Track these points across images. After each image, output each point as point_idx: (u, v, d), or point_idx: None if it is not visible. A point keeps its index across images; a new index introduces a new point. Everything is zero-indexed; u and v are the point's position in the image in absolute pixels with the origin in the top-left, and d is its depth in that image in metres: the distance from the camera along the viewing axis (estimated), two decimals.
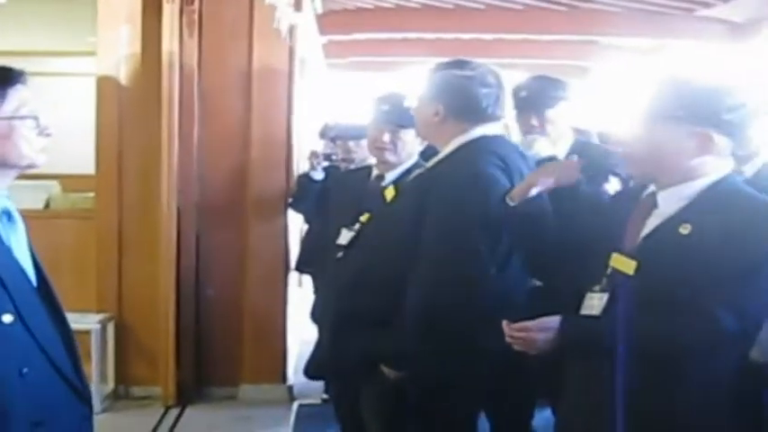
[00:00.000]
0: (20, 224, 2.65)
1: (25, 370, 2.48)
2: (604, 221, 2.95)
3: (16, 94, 2.57)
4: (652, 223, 2.78)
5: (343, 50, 12.13)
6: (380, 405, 3.59)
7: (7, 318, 2.44)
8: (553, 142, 4.74)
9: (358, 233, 3.91)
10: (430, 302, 3.29)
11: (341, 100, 13.38)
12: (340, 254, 3.95)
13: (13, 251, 2.58)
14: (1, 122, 2.55)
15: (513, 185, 3.35)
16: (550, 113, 4.79)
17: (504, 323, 2.83)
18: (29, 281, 2.61)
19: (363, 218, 4.21)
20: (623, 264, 2.75)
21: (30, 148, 2.58)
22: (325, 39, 10.71)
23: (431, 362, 3.27)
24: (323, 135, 7.49)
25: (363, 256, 3.58)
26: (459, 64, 3.66)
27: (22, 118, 2.56)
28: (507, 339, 2.81)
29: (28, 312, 2.51)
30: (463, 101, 3.57)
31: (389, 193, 3.65)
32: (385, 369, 3.44)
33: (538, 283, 3.85)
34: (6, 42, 8.53)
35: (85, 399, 2.72)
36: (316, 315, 5.21)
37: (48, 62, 8.92)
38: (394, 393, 3.42)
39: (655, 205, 2.80)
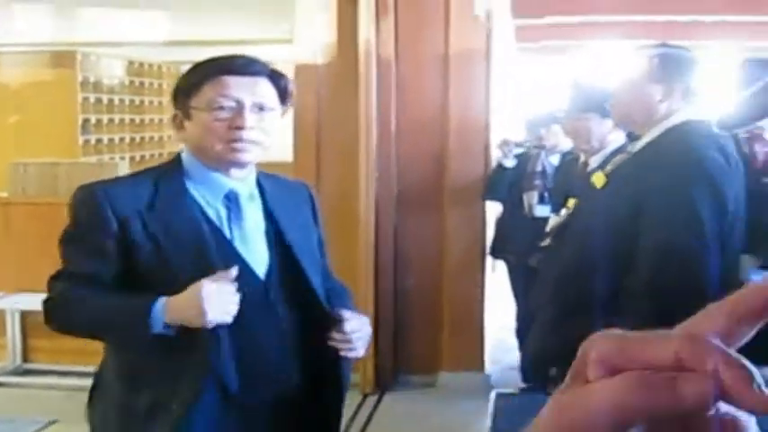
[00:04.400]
0: (250, 211, 2.69)
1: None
2: None
3: (214, 86, 2.61)
4: None
5: (534, 34, 11.97)
6: None
7: None
8: None
9: (566, 220, 3.84)
10: (656, 289, 3.29)
11: (533, 85, 13.21)
12: (547, 240, 3.89)
13: (236, 240, 2.63)
14: (194, 111, 2.62)
15: (730, 167, 3.37)
16: None
17: None
18: (248, 270, 2.62)
19: (570, 203, 4.14)
20: None
21: (215, 140, 2.60)
22: (516, 23, 10.58)
23: None
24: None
25: (578, 244, 3.54)
26: (674, 46, 3.65)
27: (209, 110, 2.60)
28: None
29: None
30: (688, 81, 3.52)
31: (599, 180, 3.58)
32: None
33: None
34: (203, 31, 8.72)
35: (234, 396, 2.65)
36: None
37: (245, 50, 9.04)
38: None
39: None
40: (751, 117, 4.74)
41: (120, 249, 2.53)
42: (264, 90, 2.66)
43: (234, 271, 2.47)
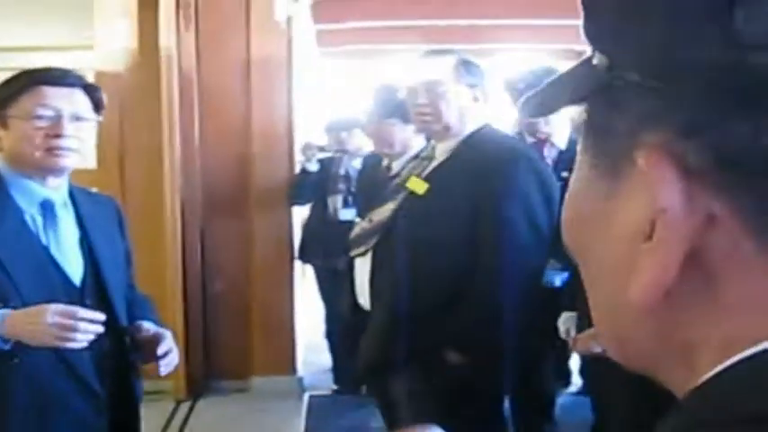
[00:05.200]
0: (65, 220, 2.74)
1: (16, 360, 2.56)
2: None
3: (30, 96, 2.67)
4: None
5: (335, 39, 12.06)
6: (441, 390, 3.56)
7: (5, 311, 2.53)
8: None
9: (386, 228, 3.83)
10: (500, 290, 3.36)
11: (335, 89, 13.32)
12: (360, 249, 3.87)
13: (51, 248, 2.67)
14: (12, 121, 2.66)
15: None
16: None
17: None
18: (66, 278, 2.69)
19: (377, 209, 4.15)
20: None
21: (33, 148, 2.66)
22: (317, 28, 10.65)
23: (499, 347, 3.36)
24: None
25: (411, 249, 3.55)
26: (460, 51, 3.80)
27: (28, 118, 2.66)
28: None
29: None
30: (486, 85, 3.67)
31: (419, 186, 3.60)
32: (450, 354, 3.46)
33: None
34: (2, 38, 8.47)
35: (96, 394, 2.76)
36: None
37: (43, 57, 8.82)
38: (455, 378, 3.46)
39: None
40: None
41: None
42: (80, 100, 2.75)
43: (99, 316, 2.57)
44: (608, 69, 0.67)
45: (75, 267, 2.74)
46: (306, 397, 6.90)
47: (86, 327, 2.56)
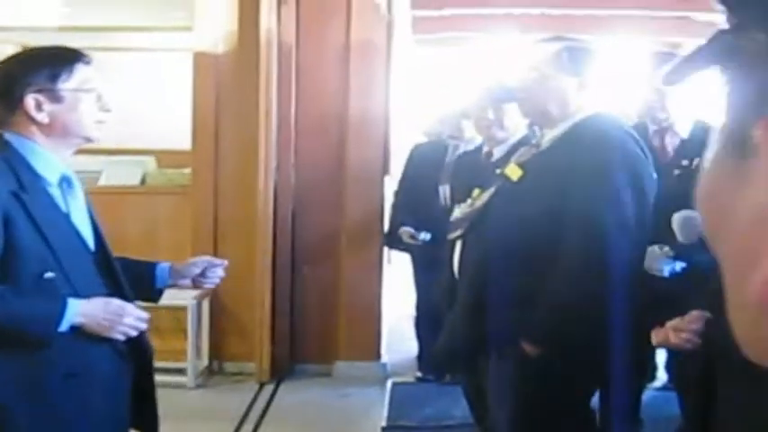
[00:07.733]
0: (79, 191, 2.88)
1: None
2: None
3: (81, 72, 2.80)
4: None
5: (431, 26, 12.03)
6: (518, 382, 3.55)
7: (48, 275, 2.67)
8: None
9: (480, 213, 3.82)
10: (577, 277, 3.34)
11: (432, 77, 13.28)
12: (457, 232, 3.88)
13: (71, 216, 2.81)
14: (68, 94, 2.77)
15: (646, 158, 3.51)
16: None
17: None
18: (85, 244, 2.84)
19: (475, 194, 4.13)
20: None
21: (90, 120, 2.82)
22: (414, 14, 10.62)
23: (575, 341, 3.34)
24: None
25: (499, 235, 3.54)
26: (574, 38, 3.76)
27: (86, 91, 2.79)
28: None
29: (76, 273, 2.75)
30: (595, 73, 3.61)
31: (514, 172, 3.59)
32: (526, 345, 3.43)
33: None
34: (99, 17, 8.56)
35: (123, 355, 2.90)
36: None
37: (143, 37, 8.91)
38: (533, 371, 3.43)
39: None
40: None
41: (4, 231, 2.63)
42: None
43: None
44: (736, 30, 0.62)
45: (88, 237, 2.87)
46: (389, 383, 6.88)
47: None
